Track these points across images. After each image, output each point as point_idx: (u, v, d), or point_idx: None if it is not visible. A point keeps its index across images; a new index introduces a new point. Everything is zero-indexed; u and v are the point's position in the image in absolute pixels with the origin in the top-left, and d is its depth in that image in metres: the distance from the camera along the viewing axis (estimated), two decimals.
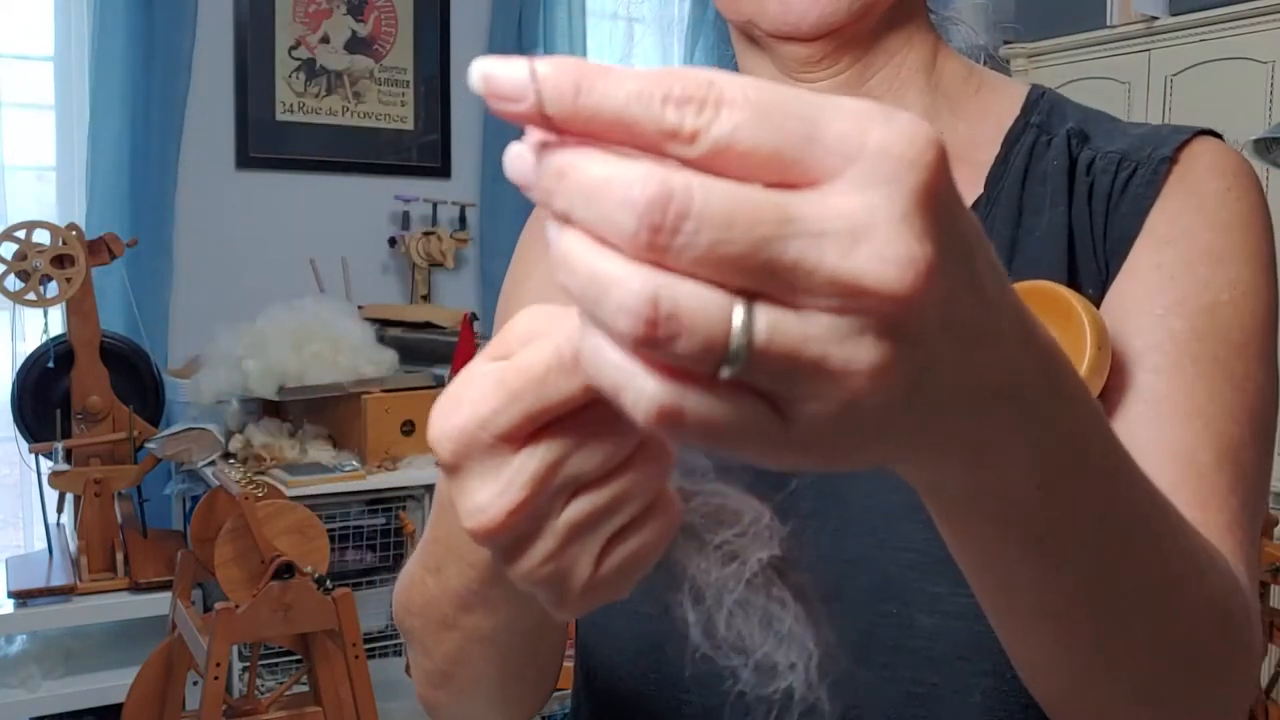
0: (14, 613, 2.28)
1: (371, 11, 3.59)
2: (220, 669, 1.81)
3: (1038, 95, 0.71)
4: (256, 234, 3.41)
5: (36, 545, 2.80)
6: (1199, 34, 2.56)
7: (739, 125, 0.27)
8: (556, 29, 3.81)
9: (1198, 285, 0.59)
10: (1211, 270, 0.59)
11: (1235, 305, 0.59)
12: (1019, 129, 0.68)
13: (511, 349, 0.35)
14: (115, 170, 3.10)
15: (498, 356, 0.35)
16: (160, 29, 3.16)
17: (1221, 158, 0.63)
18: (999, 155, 0.67)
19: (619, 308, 0.27)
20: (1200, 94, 2.56)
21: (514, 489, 0.33)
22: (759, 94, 0.27)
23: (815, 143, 0.27)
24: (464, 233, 3.66)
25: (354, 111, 3.57)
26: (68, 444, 2.45)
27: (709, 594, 0.41)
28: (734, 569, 0.41)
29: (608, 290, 0.27)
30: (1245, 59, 2.48)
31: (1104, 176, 0.64)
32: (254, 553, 1.87)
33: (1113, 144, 0.65)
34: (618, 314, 0.27)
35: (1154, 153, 0.63)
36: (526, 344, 0.34)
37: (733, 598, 0.41)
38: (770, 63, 0.68)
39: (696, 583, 0.41)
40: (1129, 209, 0.62)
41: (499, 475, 0.34)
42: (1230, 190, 0.62)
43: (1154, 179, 0.62)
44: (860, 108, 0.28)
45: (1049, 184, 0.65)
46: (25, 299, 2.40)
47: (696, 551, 0.41)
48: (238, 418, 2.72)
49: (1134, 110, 2.70)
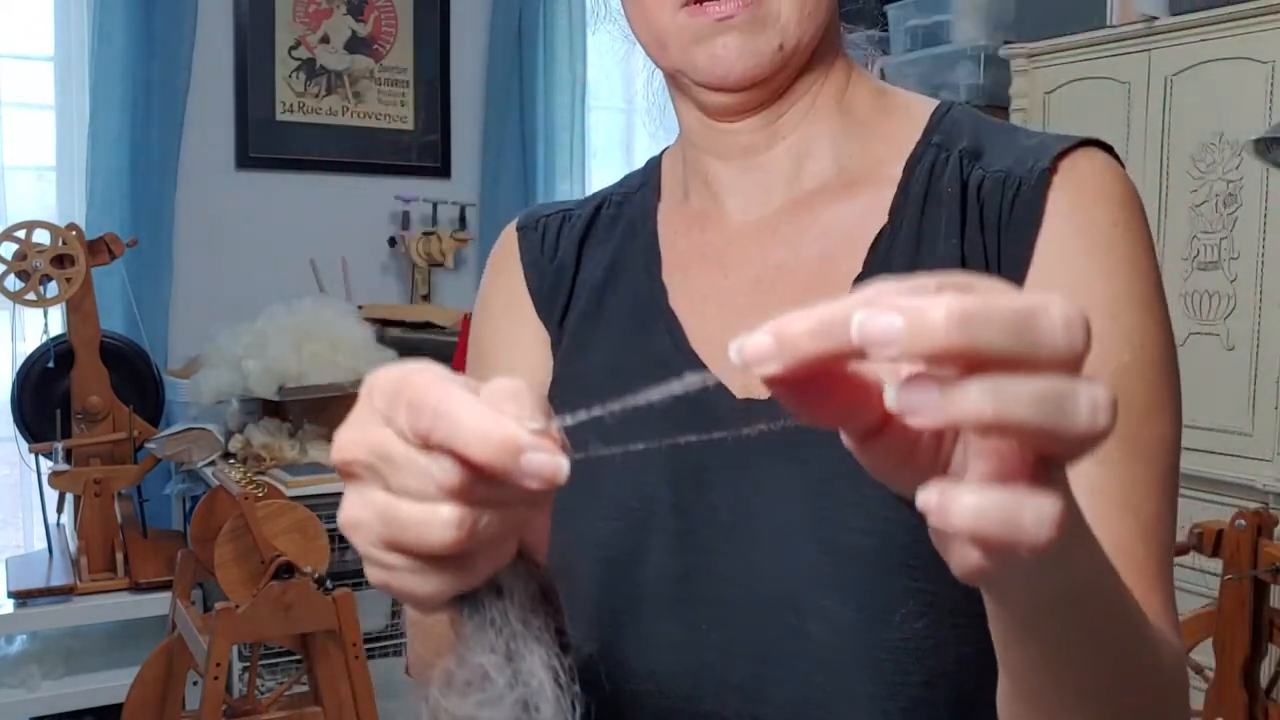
0: (14, 613, 2.28)
1: (371, 11, 3.59)
2: (220, 669, 1.81)
3: (943, 112, 0.73)
4: (256, 234, 3.41)
5: (36, 545, 2.80)
6: (1199, 34, 2.56)
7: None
8: (556, 29, 3.81)
9: (1103, 350, 0.62)
10: (1113, 329, 0.62)
11: (1138, 363, 0.62)
12: (920, 150, 0.71)
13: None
14: (115, 170, 3.10)
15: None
16: (160, 29, 3.16)
17: (1107, 179, 0.65)
18: (900, 181, 0.70)
19: (1092, 406, 0.33)
20: (1200, 94, 2.56)
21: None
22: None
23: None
24: (464, 233, 3.66)
25: (354, 111, 3.57)
26: (68, 444, 2.45)
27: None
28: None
29: (1076, 397, 0.33)
30: (1245, 59, 2.48)
31: (991, 199, 0.66)
32: (254, 553, 1.87)
33: (1002, 160, 0.67)
34: (1094, 411, 0.33)
35: (1034, 165, 0.66)
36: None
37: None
38: (694, 106, 0.74)
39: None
40: (1016, 235, 0.65)
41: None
42: (1116, 226, 0.64)
43: (1035, 197, 0.65)
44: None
45: (945, 209, 0.67)
46: (25, 299, 2.40)
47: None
48: (238, 418, 2.72)
49: (1134, 110, 2.70)
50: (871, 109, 0.74)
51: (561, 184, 3.82)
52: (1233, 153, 2.51)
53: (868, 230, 0.69)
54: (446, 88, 3.71)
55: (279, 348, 2.63)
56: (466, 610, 0.44)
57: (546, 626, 0.44)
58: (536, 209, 0.86)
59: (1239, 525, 1.94)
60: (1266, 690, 2.03)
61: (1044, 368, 0.32)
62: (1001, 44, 3.09)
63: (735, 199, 0.75)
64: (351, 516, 0.42)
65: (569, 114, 3.84)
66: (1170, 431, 0.64)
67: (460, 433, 0.37)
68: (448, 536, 0.39)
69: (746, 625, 0.65)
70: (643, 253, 0.77)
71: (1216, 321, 2.54)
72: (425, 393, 0.39)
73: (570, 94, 3.84)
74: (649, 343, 0.73)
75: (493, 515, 0.40)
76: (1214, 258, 2.56)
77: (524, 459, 0.37)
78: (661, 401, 0.70)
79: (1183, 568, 2.56)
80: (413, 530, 0.39)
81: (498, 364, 0.81)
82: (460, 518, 0.39)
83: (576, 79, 3.85)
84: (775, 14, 0.67)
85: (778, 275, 0.71)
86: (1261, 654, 1.98)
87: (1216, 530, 1.97)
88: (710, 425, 0.65)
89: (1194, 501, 2.59)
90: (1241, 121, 2.47)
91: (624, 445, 0.43)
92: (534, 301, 0.80)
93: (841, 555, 0.63)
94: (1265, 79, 2.45)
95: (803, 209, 0.73)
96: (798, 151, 0.73)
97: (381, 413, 0.40)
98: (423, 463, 0.39)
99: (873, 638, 0.62)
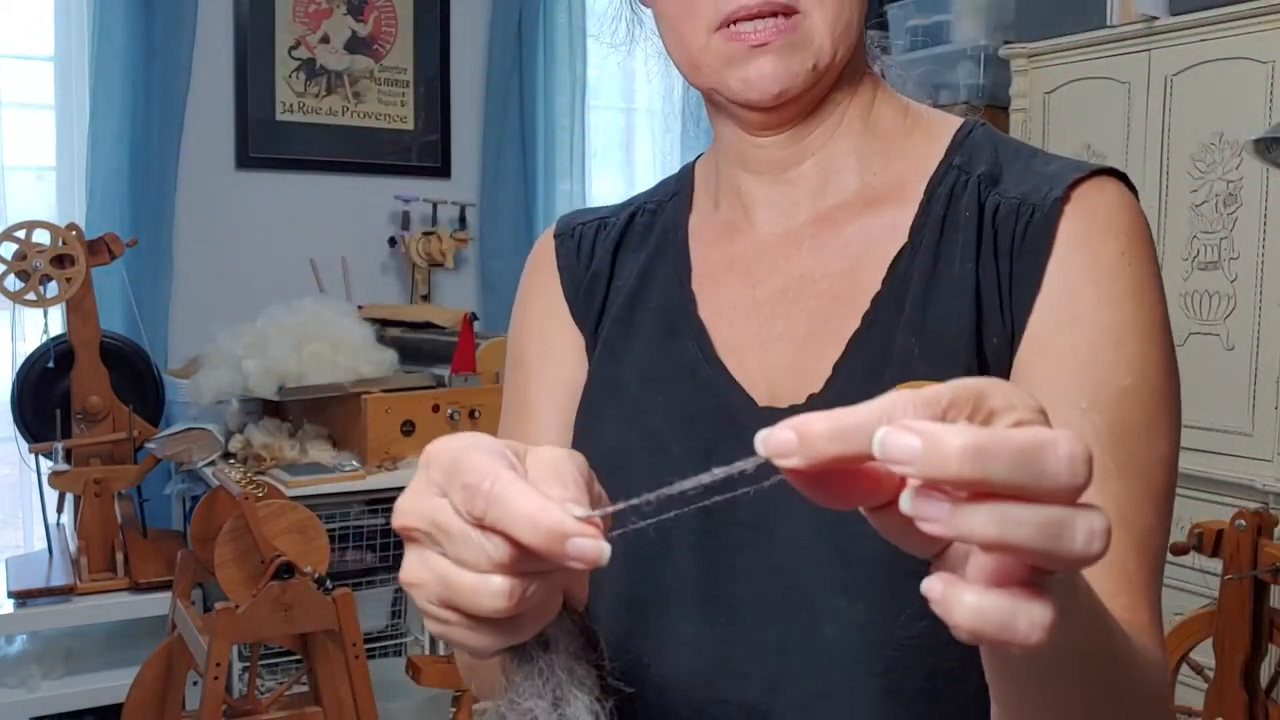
0: (14, 613, 2.28)
1: (371, 11, 3.59)
2: (220, 669, 1.81)
3: (964, 134, 0.76)
4: (256, 234, 3.42)
5: (36, 545, 2.80)
6: (1199, 34, 2.56)
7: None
8: (556, 29, 3.81)
9: (1106, 372, 0.65)
10: (1115, 354, 0.66)
11: (1138, 388, 0.66)
12: (941, 171, 0.74)
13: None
14: (115, 170, 3.10)
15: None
16: (160, 29, 3.16)
17: (1116, 211, 0.68)
18: (921, 202, 0.73)
19: (1089, 534, 0.36)
20: (1200, 94, 2.56)
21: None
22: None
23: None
24: (464, 233, 3.66)
25: (354, 111, 3.57)
26: (68, 444, 2.45)
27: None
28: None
29: (1074, 526, 0.36)
30: (1245, 59, 2.48)
31: (1006, 225, 0.69)
32: (254, 553, 1.87)
33: (1018, 187, 0.70)
34: (1090, 539, 0.36)
35: (1049, 194, 0.69)
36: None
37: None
38: (729, 120, 0.77)
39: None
40: (1028, 263, 0.68)
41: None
42: (1123, 255, 0.67)
43: (1047, 225, 0.68)
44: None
45: (961, 234, 0.71)
46: (25, 299, 2.40)
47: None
48: (238, 418, 2.72)
49: (1134, 110, 2.70)
50: (897, 126, 0.77)
51: (561, 184, 3.82)
52: (1233, 153, 2.51)
53: (888, 248, 0.73)
54: (446, 88, 3.72)
55: (279, 348, 2.63)
56: (516, 660, 0.49)
57: (589, 673, 0.49)
58: (573, 216, 0.89)
59: (1239, 525, 1.94)
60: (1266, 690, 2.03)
61: (1047, 499, 0.36)
62: (1001, 44, 3.09)
63: (764, 212, 0.78)
64: (413, 577, 0.46)
65: (569, 114, 3.84)
66: (1168, 452, 0.67)
67: (512, 519, 0.42)
68: (499, 604, 0.43)
69: (764, 621, 0.69)
70: (674, 262, 0.81)
71: (1216, 321, 2.54)
72: (480, 477, 0.43)
73: (570, 94, 3.84)
74: (678, 350, 0.77)
75: (540, 583, 0.44)
76: (1214, 258, 2.56)
77: (569, 544, 0.41)
78: (688, 398, 0.74)
79: (1183, 568, 2.56)
80: (467, 596, 0.44)
81: (533, 368, 0.84)
82: (510, 588, 0.43)
83: (576, 79, 3.85)
84: (810, 36, 0.69)
85: (801, 287, 0.75)
86: (1261, 654, 1.98)
87: (1216, 530, 1.97)
88: (735, 430, 0.72)
89: (1194, 501, 2.59)
90: (1241, 121, 2.47)
91: (650, 497, 0.47)
92: (569, 306, 0.84)
93: (852, 559, 0.67)
94: (1265, 79, 2.45)
95: (827, 223, 0.76)
96: (825, 167, 0.76)
97: (439, 485, 0.45)
98: (476, 539, 0.43)
99: (880, 636, 0.66)
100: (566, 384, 0.82)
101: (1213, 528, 1.98)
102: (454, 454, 0.44)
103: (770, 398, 0.72)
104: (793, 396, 0.71)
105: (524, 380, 0.85)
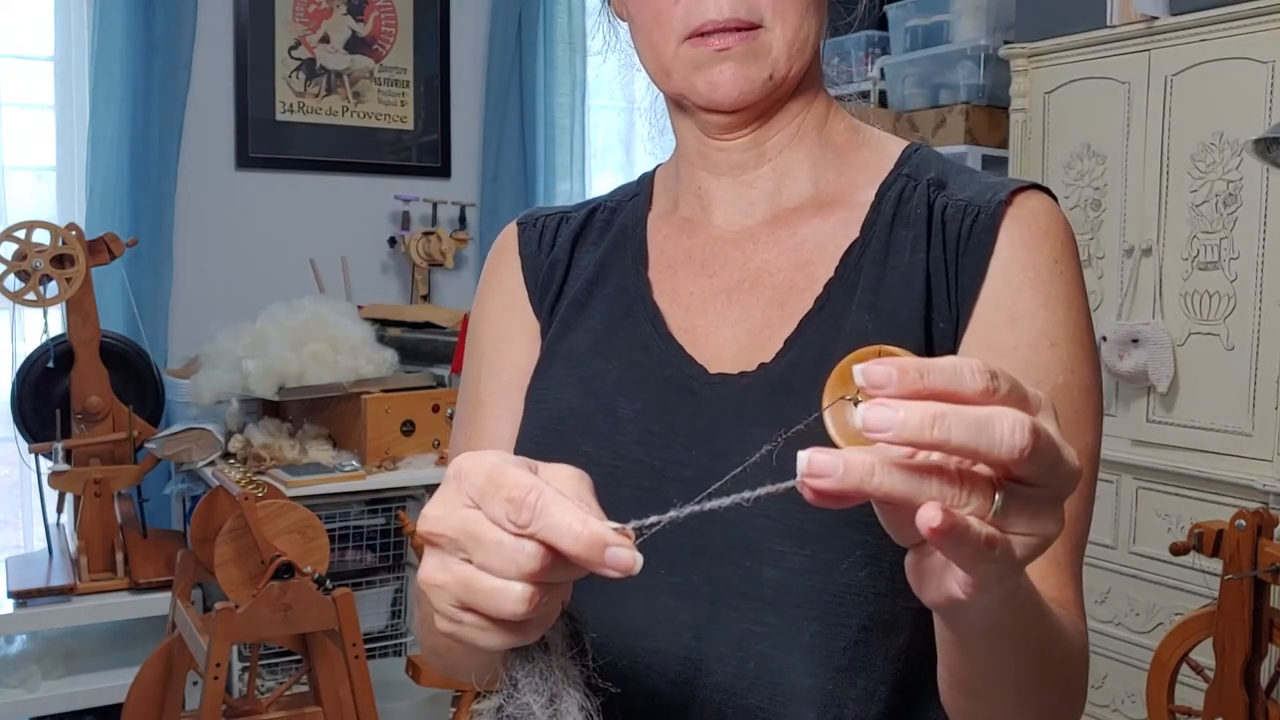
0: (14, 613, 2.28)
1: (371, 11, 3.59)
2: (220, 669, 1.81)
3: (911, 151, 0.83)
4: (256, 234, 3.42)
5: (36, 545, 2.80)
6: (1199, 34, 2.56)
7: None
8: (556, 29, 3.81)
9: (1043, 371, 0.72)
10: (1051, 355, 0.73)
11: (1069, 386, 0.73)
12: (891, 179, 0.81)
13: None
14: (115, 170, 3.10)
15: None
16: (160, 29, 3.16)
17: (1053, 220, 0.76)
18: (873, 203, 0.79)
19: (1009, 441, 0.41)
20: (1200, 94, 2.56)
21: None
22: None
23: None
24: (464, 232, 3.66)
25: (354, 111, 3.57)
26: (68, 444, 2.45)
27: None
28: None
29: (995, 425, 0.41)
30: (1245, 59, 2.47)
31: (953, 223, 0.76)
32: (254, 553, 1.87)
33: (963, 192, 0.77)
34: (1010, 441, 0.41)
35: (992, 198, 0.76)
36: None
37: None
38: (694, 124, 0.82)
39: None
40: (973, 257, 0.75)
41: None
42: (1058, 263, 0.74)
43: (991, 224, 0.75)
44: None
45: (912, 229, 0.77)
46: (25, 299, 2.40)
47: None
48: (237, 418, 2.72)
49: (1134, 110, 2.70)
50: (849, 140, 0.84)
51: (561, 184, 3.82)
52: (1233, 153, 2.50)
53: (840, 242, 0.79)
54: (446, 88, 3.72)
55: (279, 347, 2.63)
56: (518, 660, 0.54)
57: (581, 674, 0.55)
58: (537, 209, 0.94)
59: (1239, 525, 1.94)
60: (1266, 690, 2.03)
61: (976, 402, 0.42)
62: (1001, 44, 3.09)
63: (722, 210, 0.83)
64: (434, 579, 0.50)
65: (569, 114, 3.84)
66: (1093, 444, 0.74)
67: (556, 530, 0.46)
68: (519, 609, 0.48)
69: (703, 568, 0.72)
70: (632, 253, 0.85)
71: (1216, 321, 2.54)
72: (525, 491, 0.47)
73: (570, 94, 3.84)
74: (631, 328, 0.81)
75: (553, 592, 0.49)
76: (1214, 258, 2.55)
77: (608, 554, 0.46)
78: (640, 368, 0.76)
79: (1183, 568, 2.56)
80: (488, 600, 0.48)
81: (485, 355, 0.89)
82: (530, 595, 0.48)
83: (576, 79, 3.86)
84: (768, 47, 0.76)
85: (758, 279, 0.80)
86: (1261, 654, 1.98)
87: (1216, 530, 1.97)
88: (685, 395, 0.76)
89: (1194, 501, 2.59)
90: (1241, 121, 2.47)
91: (651, 525, 0.51)
92: (528, 290, 0.88)
93: (801, 504, 0.67)
94: (1265, 79, 2.45)
95: (782, 222, 0.81)
96: (781, 172, 0.82)
97: (471, 498, 0.48)
98: (509, 549, 0.47)
99: (819, 582, 0.69)
100: (516, 370, 0.85)
101: (1213, 528, 1.98)
102: (488, 468, 0.48)
103: (719, 365, 0.76)
104: (744, 366, 0.76)
105: (476, 372, 0.89)
